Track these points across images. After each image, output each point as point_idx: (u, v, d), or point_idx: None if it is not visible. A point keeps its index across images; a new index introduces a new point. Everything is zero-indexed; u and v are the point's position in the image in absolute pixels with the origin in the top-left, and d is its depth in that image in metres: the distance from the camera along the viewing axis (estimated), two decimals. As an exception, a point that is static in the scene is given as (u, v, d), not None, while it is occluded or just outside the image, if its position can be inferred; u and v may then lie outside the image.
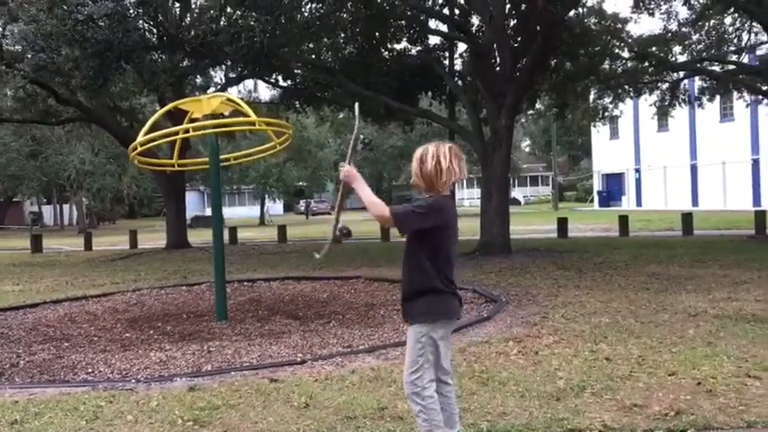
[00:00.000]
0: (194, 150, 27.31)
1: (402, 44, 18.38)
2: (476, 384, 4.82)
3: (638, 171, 44.63)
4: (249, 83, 28.47)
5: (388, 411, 4.30)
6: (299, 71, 18.94)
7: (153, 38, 16.21)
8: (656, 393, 4.48)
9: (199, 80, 22.77)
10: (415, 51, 18.07)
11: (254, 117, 8.39)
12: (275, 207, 58.51)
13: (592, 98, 22.51)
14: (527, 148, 76.64)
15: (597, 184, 49.53)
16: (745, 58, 21.59)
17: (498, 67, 15.59)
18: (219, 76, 23.08)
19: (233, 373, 5.55)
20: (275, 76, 20.24)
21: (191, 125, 8.24)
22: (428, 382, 3.36)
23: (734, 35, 20.52)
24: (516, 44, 15.77)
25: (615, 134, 45.23)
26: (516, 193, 58.79)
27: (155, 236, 28.03)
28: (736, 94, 22.90)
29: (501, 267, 12.14)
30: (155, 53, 16.81)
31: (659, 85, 21.69)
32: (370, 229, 28.09)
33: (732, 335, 6.11)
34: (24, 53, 14.56)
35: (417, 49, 18.34)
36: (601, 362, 5.32)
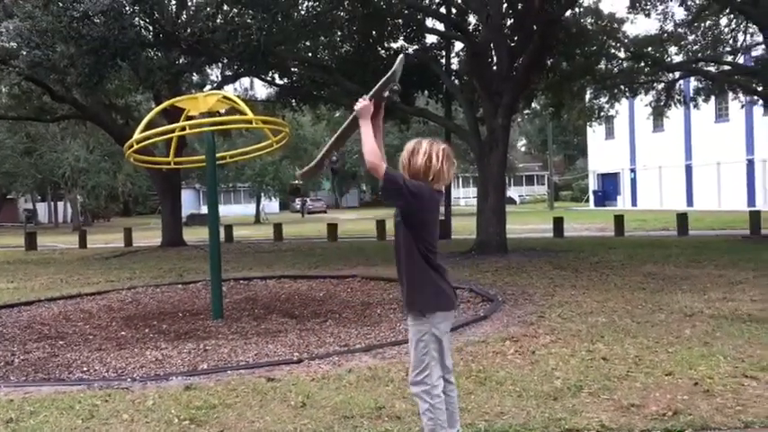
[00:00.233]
0: (190, 148, 27.27)
1: (399, 43, 18.37)
2: (473, 384, 4.81)
3: (633, 171, 44.73)
4: (245, 81, 28.40)
5: (386, 411, 4.29)
6: (295, 69, 18.92)
7: (149, 35, 16.15)
8: (653, 393, 4.48)
9: (195, 78, 22.71)
10: (411, 50, 18.05)
11: (250, 115, 8.38)
12: (271, 205, 58.39)
13: (588, 98, 22.53)
14: (523, 148, 76.74)
15: (593, 184, 49.61)
16: (741, 59, 21.66)
17: (495, 67, 15.59)
18: (216, 73, 23.03)
19: (229, 372, 5.54)
20: (272, 74, 20.21)
21: (187, 123, 8.21)
22: (437, 380, 3.36)
23: (729, 36, 20.56)
24: (513, 43, 15.78)
25: (611, 134, 45.31)
26: (512, 192, 58.80)
27: (150, 234, 27.96)
28: (732, 95, 22.94)
29: (497, 267, 12.14)
30: (151, 50, 16.77)
31: (655, 85, 21.73)
32: (365, 228, 28.08)
33: (728, 335, 6.12)
34: (19, 50, 14.48)
35: (414, 47, 18.33)
36: (598, 362, 5.32)
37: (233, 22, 14.13)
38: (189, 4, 18.60)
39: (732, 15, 19.67)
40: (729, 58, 20.64)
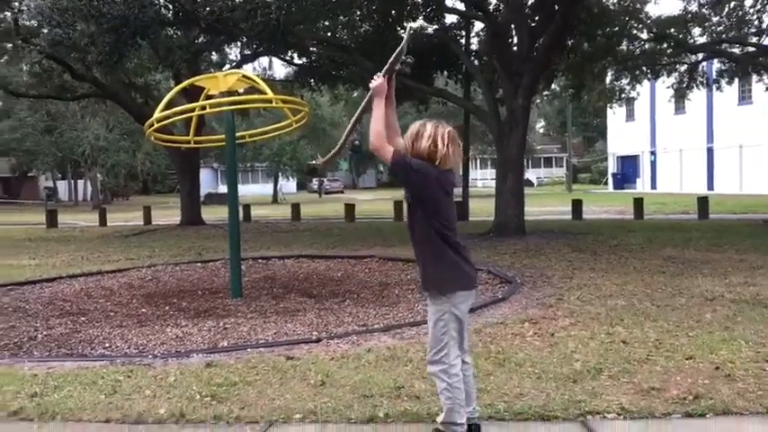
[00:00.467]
0: (209, 128, 27.33)
1: (418, 22, 18.20)
2: (492, 365, 4.81)
3: (653, 154, 44.27)
4: (264, 60, 28.37)
5: (405, 390, 4.31)
6: (314, 49, 18.84)
7: (168, 14, 16.12)
8: (673, 377, 4.45)
9: (214, 57, 22.72)
10: (431, 30, 17.88)
11: (270, 94, 8.36)
12: (288, 185, 58.57)
13: (609, 79, 22.25)
14: (541, 130, 76.14)
15: (612, 167, 49.19)
16: (766, 40, 21.23)
17: (515, 47, 15.43)
18: (235, 53, 23.03)
19: (249, 350, 5.58)
20: (290, 54, 20.16)
21: (207, 102, 8.22)
22: (455, 359, 3.37)
23: (754, 17, 20.14)
24: (534, 23, 15.58)
25: (631, 116, 44.81)
26: (530, 174, 58.41)
27: (168, 212, 28.16)
28: (756, 77, 22.51)
29: (515, 249, 12.10)
30: (170, 29, 16.76)
31: (677, 66, 21.40)
32: (382, 209, 28.09)
33: (749, 320, 6.07)
34: (40, 28, 14.55)
35: (434, 27, 18.15)
36: (617, 345, 5.29)
37: (252, 1, 14.05)
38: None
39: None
40: (754, 40, 20.25)
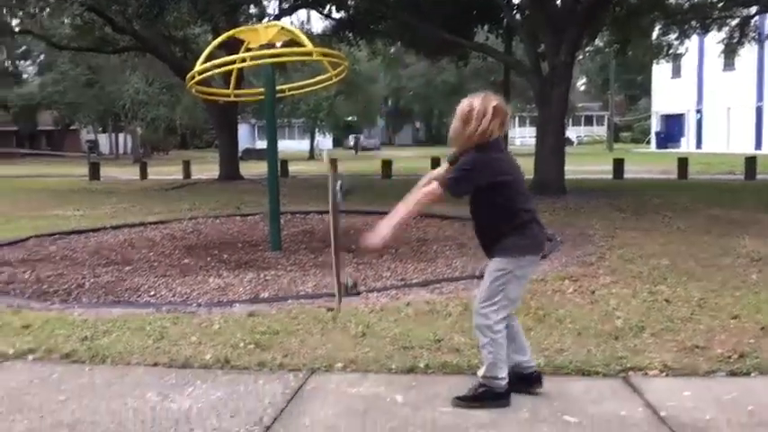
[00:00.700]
0: (246, 82, 27.32)
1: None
2: (532, 321, 4.80)
3: (699, 112, 43.04)
4: (302, 14, 28.19)
5: (445, 343, 4.34)
6: (352, 2, 18.62)
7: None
8: (718, 336, 4.39)
9: (252, 10, 22.57)
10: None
11: (310, 47, 8.30)
12: (325, 141, 58.57)
13: (655, 34, 21.56)
14: (582, 87, 74.53)
15: (655, 125, 48.02)
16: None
17: (559, 0, 15.01)
18: (273, 6, 22.93)
19: (290, 301, 5.66)
20: (329, 7, 19.94)
21: (248, 54, 8.19)
22: (501, 318, 3.35)
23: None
24: (579, -25, 15.11)
25: (677, 73, 43.45)
26: (569, 133, 57.31)
27: (207, 167, 28.45)
28: (811, 33, 21.67)
29: (555, 207, 11.95)
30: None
31: (728, 21, 20.61)
32: (419, 166, 27.96)
33: (798, 281, 5.93)
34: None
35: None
36: (660, 303, 5.23)
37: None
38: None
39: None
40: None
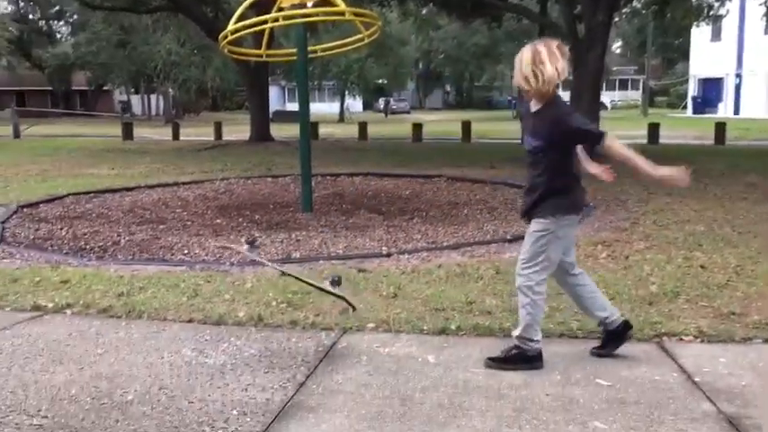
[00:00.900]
0: (276, 43, 27.21)
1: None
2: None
3: (738, 76, 41.82)
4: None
5: (476, 306, 4.33)
6: (385, -39, 18.32)
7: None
8: (754, 303, 4.33)
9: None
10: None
11: (343, 7, 8.21)
12: (355, 104, 58.32)
13: (696, -5, 20.92)
14: (618, 50, 72.79)
15: (692, 90, 46.83)
16: None
17: (598, -41, 14.58)
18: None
19: (321, 262, 5.70)
20: (361, -33, 19.63)
21: (280, 14, 8.12)
22: (542, 280, 3.35)
23: None
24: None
25: (717, 36, 42.13)
26: (603, 97, 56.29)
27: (238, 128, 28.53)
28: None
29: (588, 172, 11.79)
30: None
31: (773, -19, 19.88)
32: (449, 130, 27.74)
33: (838, 250, 5.80)
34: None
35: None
36: (695, 269, 5.16)
37: None
38: None
39: None
40: None
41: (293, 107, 46.78)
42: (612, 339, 3.53)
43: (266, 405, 3.02)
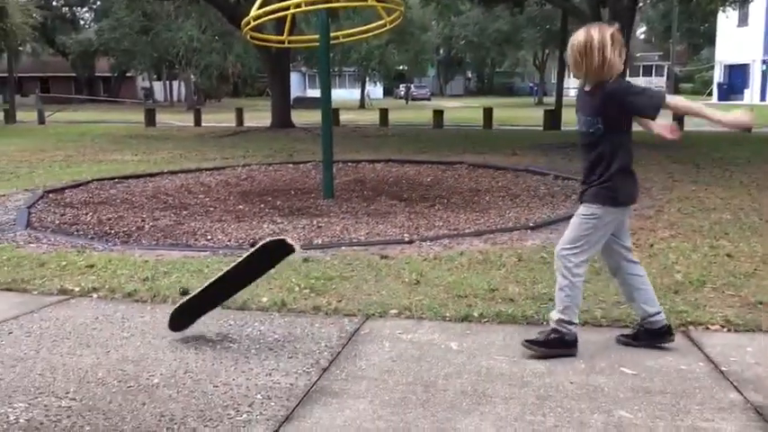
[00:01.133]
0: (297, 30, 27.20)
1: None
2: (589, 273, 4.63)
3: (765, 62, 41.12)
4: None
5: (499, 293, 4.32)
6: (407, -54, 18.16)
7: None
8: (783, 293, 4.27)
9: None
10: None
11: (365, -8, 8.16)
12: (375, 91, 58.22)
13: (724, -21, 20.54)
14: (642, 36, 71.81)
15: (718, 76, 46.14)
16: None
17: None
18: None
19: (344, 248, 5.70)
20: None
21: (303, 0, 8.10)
22: (582, 262, 3.30)
23: None
24: None
25: (744, 21, 41.43)
26: (627, 83, 55.60)
27: (259, 115, 28.64)
28: None
29: (611, 159, 11.68)
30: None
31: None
32: (470, 117, 27.60)
33: None
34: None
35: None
36: (722, 258, 5.10)
37: None
38: None
39: None
40: None
41: (314, 93, 46.88)
42: (648, 338, 3.46)
43: (290, 390, 3.04)
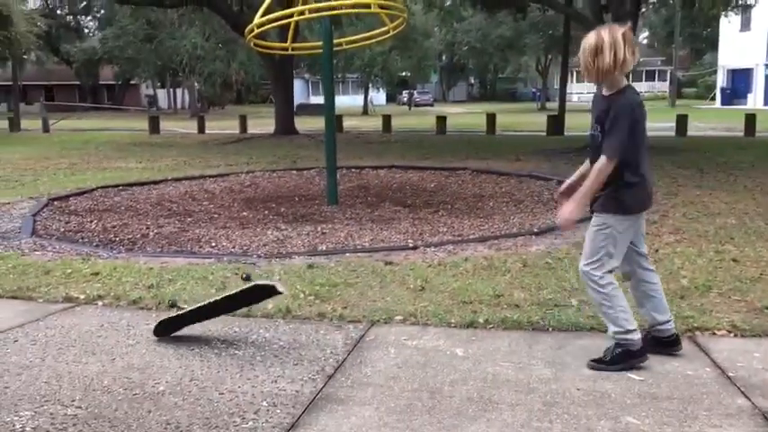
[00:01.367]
0: (300, 36, 27.27)
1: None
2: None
3: (768, 67, 41.09)
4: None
5: (504, 299, 4.31)
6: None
7: None
8: (789, 298, 4.25)
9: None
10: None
11: (369, -1, 8.17)
12: (378, 97, 58.26)
13: (726, -16, 20.53)
14: (645, 41, 71.79)
15: (721, 81, 46.09)
16: None
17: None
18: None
19: (348, 255, 5.70)
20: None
21: (306, 7, 8.13)
22: (605, 273, 3.25)
23: None
24: None
25: (747, 25, 41.37)
26: (630, 88, 55.51)
27: (262, 122, 28.68)
28: None
29: (614, 164, 11.66)
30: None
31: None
32: (473, 122, 27.61)
33: None
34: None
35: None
36: (727, 263, 5.08)
37: None
38: None
39: None
40: None
41: (317, 100, 46.92)
42: (656, 345, 3.42)
43: (296, 397, 3.03)
